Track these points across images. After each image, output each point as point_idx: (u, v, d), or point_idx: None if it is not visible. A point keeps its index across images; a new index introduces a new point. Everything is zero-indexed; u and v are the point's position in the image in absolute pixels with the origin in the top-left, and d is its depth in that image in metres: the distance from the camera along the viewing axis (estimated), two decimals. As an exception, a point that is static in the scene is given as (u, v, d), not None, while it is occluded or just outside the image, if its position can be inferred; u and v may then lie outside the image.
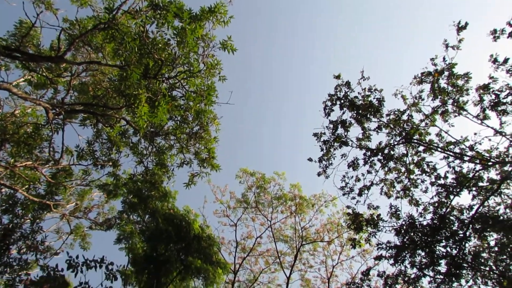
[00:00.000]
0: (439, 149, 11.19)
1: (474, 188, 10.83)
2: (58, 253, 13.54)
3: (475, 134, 10.65)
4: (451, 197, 10.80)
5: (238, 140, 57.14)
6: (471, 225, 10.39)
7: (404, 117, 11.45)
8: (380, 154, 11.72)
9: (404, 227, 10.99)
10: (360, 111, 11.45)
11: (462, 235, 10.36)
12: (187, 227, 13.57)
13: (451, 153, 11.07)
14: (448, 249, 10.47)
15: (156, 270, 13.37)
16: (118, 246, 14.18)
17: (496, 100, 9.96)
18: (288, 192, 21.60)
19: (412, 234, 10.93)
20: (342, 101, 11.63)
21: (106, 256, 10.90)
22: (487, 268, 10.43)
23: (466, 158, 10.83)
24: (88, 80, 12.73)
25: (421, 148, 11.53)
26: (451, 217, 10.76)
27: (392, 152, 11.76)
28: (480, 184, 10.83)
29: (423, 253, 10.72)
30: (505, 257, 10.28)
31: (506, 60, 9.71)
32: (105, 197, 13.48)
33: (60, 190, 12.65)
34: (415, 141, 11.36)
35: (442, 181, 11.22)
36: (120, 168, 13.10)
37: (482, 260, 10.49)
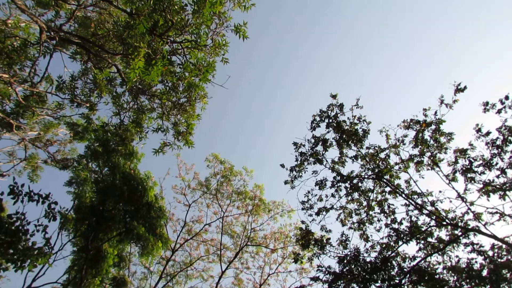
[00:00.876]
0: (403, 195, 11.51)
1: (422, 241, 11.21)
2: (4, 176, 12.99)
3: (440, 191, 11.06)
4: (400, 243, 11.13)
5: (219, 126, 56.90)
6: (408, 275, 10.73)
7: (382, 155, 11.74)
8: (348, 182, 11.94)
9: (348, 258, 11.22)
10: (344, 136, 11.64)
11: (397, 281, 10.67)
12: (142, 192, 13.34)
13: (412, 203, 11.42)
14: (381, 290, 10.76)
15: (97, 224, 13.06)
16: (67, 188, 13.76)
17: (468, 167, 10.38)
18: (250, 190, 21.67)
19: (353, 266, 11.16)
20: (330, 120, 11.78)
21: (52, 194, 10.60)
22: (410, 319, 10.78)
23: (424, 211, 11.20)
24: (93, 16, 12.33)
25: (387, 189, 11.82)
26: (393, 262, 11.07)
27: (360, 184, 12.01)
28: (429, 239, 11.22)
29: (357, 287, 10.96)
30: (429, 314, 10.65)
31: (488, 133, 10.18)
32: (71, 136, 13.00)
33: (27, 114, 12.14)
34: (385, 180, 11.65)
35: (396, 226, 11.54)
36: (96, 113, 12.75)
37: (408, 311, 10.83)
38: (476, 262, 10.29)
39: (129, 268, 19.17)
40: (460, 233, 10.73)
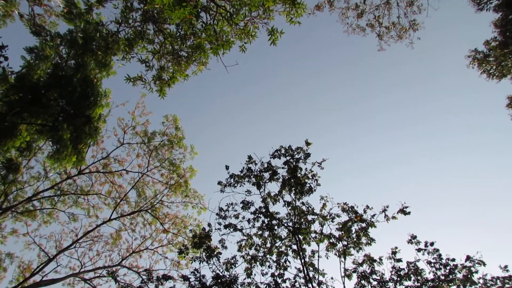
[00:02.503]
0: (302, 261, 11.85)
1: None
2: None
3: (332, 278, 11.51)
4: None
5: (199, 99, 55.99)
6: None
7: (310, 217, 12.05)
8: (268, 219, 12.14)
9: (224, 279, 11.33)
10: (292, 181, 11.89)
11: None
12: (92, 104, 12.72)
13: (305, 271, 11.78)
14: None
15: (30, 103, 12.23)
16: (24, 53, 12.74)
17: (367, 275, 10.90)
18: (183, 168, 21.38)
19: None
20: (291, 160, 12.05)
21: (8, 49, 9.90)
22: None
23: (309, 285, 11.59)
24: None
25: (294, 247, 12.13)
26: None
27: (276, 227, 12.23)
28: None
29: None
30: None
31: (398, 260, 10.76)
32: (63, 11, 12.13)
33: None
34: (297, 239, 11.96)
35: (279, 281, 11.81)
36: (100, 8, 12.11)
37: None
38: None
39: (30, 161, 18.06)
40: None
